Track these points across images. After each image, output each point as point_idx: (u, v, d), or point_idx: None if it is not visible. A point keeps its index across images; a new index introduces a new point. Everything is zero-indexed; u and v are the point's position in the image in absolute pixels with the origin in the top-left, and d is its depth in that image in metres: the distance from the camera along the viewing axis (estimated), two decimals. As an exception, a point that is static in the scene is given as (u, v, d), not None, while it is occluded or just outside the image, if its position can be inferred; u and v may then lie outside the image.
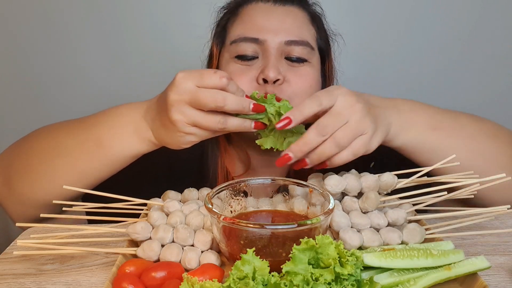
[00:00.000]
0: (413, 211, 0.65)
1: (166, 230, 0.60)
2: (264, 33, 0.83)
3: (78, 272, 0.59)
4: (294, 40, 0.83)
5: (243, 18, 0.88)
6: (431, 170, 0.65)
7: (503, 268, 0.58)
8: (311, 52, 0.86)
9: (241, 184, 0.65)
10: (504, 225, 0.70)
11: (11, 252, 0.64)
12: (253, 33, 0.84)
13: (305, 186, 0.64)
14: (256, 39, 0.83)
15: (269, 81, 0.80)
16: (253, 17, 0.87)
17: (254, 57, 0.84)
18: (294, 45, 0.83)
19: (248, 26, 0.86)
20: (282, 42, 0.83)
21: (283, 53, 0.84)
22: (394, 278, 0.52)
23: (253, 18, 0.87)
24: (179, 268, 0.56)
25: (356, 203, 0.62)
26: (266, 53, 0.83)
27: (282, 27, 0.84)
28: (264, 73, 0.80)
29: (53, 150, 0.75)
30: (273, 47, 0.83)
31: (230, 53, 0.86)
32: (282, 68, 0.82)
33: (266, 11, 0.87)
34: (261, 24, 0.85)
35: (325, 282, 0.45)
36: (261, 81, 0.81)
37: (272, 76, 0.79)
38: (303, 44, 0.84)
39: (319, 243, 0.47)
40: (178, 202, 0.66)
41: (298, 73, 0.84)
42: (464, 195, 0.64)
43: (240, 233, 0.54)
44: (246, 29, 0.86)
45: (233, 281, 0.46)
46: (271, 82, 0.80)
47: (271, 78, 0.79)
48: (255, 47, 0.84)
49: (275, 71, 0.80)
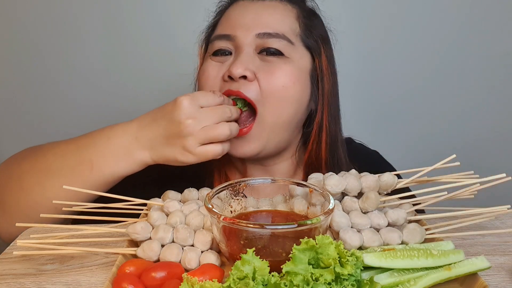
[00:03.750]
0: (413, 211, 0.65)
1: (166, 230, 0.60)
2: (235, 29, 0.82)
3: (78, 272, 0.59)
4: (267, 33, 0.80)
5: (222, 19, 0.88)
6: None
7: (503, 268, 0.58)
8: (290, 46, 0.81)
9: (241, 184, 0.65)
10: (505, 225, 0.70)
11: (11, 252, 0.64)
12: (226, 30, 0.83)
13: (305, 186, 0.64)
14: (228, 36, 0.82)
15: (234, 77, 0.78)
16: (230, 15, 0.86)
17: (228, 52, 0.82)
18: (267, 38, 0.80)
19: (224, 24, 0.86)
20: (253, 35, 0.80)
21: (257, 48, 0.81)
22: (394, 278, 0.52)
23: (229, 16, 0.86)
24: (179, 268, 0.56)
25: (356, 203, 0.62)
26: (237, 49, 0.81)
27: (255, 22, 0.82)
28: (228, 70, 0.79)
29: (45, 172, 0.75)
30: (244, 42, 0.80)
31: (208, 52, 0.86)
32: (253, 65, 0.79)
33: (243, 8, 0.86)
34: (235, 21, 0.84)
35: (325, 282, 0.45)
36: (227, 78, 0.79)
37: (236, 73, 0.77)
38: (278, 37, 0.81)
39: (319, 243, 0.47)
40: (178, 202, 0.66)
41: (271, 70, 0.79)
42: (464, 195, 0.64)
43: (240, 233, 0.54)
44: (222, 28, 0.85)
45: (233, 281, 0.46)
46: (236, 78, 0.78)
47: (234, 75, 0.77)
48: (228, 44, 0.82)
49: (240, 67, 0.77)
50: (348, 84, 0.92)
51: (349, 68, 0.92)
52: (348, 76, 0.95)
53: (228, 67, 0.80)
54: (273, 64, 0.80)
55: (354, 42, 0.92)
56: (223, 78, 0.81)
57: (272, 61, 0.80)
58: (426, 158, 1.06)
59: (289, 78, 0.80)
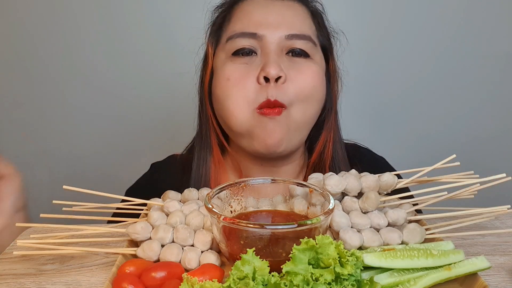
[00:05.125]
0: (413, 211, 0.65)
1: (166, 230, 0.60)
2: (262, 27, 0.79)
3: (78, 272, 0.59)
4: (295, 34, 0.79)
5: (239, 15, 0.83)
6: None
7: (503, 268, 0.58)
8: (313, 48, 0.82)
9: (241, 184, 0.65)
10: (504, 225, 0.70)
11: (11, 252, 0.64)
12: (250, 28, 0.79)
13: (305, 186, 0.64)
14: (254, 34, 0.78)
15: (270, 78, 0.76)
16: (250, 12, 0.82)
17: (252, 52, 0.79)
18: (296, 39, 0.79)
19: (245, 21, 0.81)
20: (282, 36, 0.78)
21: (284, 49, 0.79)
22: (394, 278, 0.52)
23: (250, 13, 0.82)
24: (179, 268, 0.56)
25: (356, 203, 0.62)
26: (265, 49, 0.78)
27: (282, 21, 0.80)
28: (264, 71, 0.76)
29: None
30: (272, 42, 0.78)
31: (226, 52, 0.81)
32: (283, 65, 0.78)
33: (264, 6, 0.82)
34: (259, 19, 0.80)
35: (325, 282, 0.45)
36: (262, 80, 0.77)
37: (274, 73, 0.75)
38: (305, 39, 0.80)
39: (319, 243, 0.47)
40: (178, 202, 0.66)
41: (301, 69, 0.79)
42: (464, 195, 0.64)
43: (240, 233, 0.54)
44: (243, 25, 0.81)
45: (233, 281, 0.46)
46: (272, 80, 0.76)
47: (272, 75, 0.75)
48: (253, 43, 0.79)
49: (276, 67, 0.75)
50: (348, 84, 0.92)
51: (349, 68, 0.92)
52: (348, 76, 0.95)
53: (257, 68, 0.78)
54: (301, 64, 0.80)
55: (353, 42, 0.92)
56: (257, 81, 0.77)
57: (299, 62, 0.80)
58: (426, 158, 1.06)
59: (317, 78, 0.81)
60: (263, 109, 0.77)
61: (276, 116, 0.77)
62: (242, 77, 0.78)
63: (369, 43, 1.50)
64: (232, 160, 0.90)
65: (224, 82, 0.80)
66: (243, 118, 0.79)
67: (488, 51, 1.53)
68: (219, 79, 0.82)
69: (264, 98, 0.77)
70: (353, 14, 1.48)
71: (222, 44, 0.83)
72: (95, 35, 1.52)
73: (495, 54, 1.53)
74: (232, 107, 0.79)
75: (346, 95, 0.93)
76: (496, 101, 1.57)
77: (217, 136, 0.87)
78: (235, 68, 0.80)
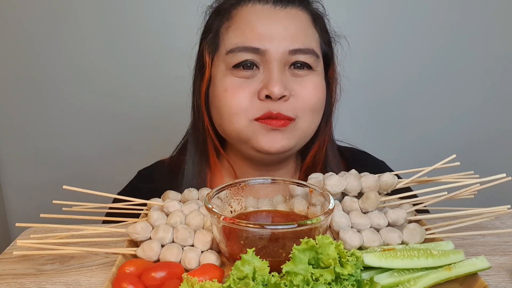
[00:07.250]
0: (413, 211, 0.65)
1: (166, 230, 0.60)
2: (265, 42, 0.75)
3: (78, 272, 0.59)
4: (299, 49, 0.76)
5: (239, 24, 0.79)
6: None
7: (503, 268, 0.58)
8: (316, 60, 0.80)
9: (241, 184, 0.65)
10: (505, 225, 0.70)
11: (11, 252, 0.64)
12: (253, 42, 0.76)
13: (305, 186, 0.64)
14: (257, 49, 0.75)
15: (273, 98, 0.73)
16: (252, 22, 0.78)
17: (254, 65, 0.76)
18: (299, 54, 0.77)
19: (247, 33, 0.77)
20: (286, 51, 0.75)
21: (287, 64, 0.77)
22: (394, 278, 0.52)
23: (252, 24, 0.78)
24: (179, 268, 0.56)
25: (356, 203, 0.62)
26: (268, 64, 0.76)
27: (286, 35, 0.76)
28: (268, 89, 0.73)
29: None
30: (275, 58, 0.75)
31: (226, 64, 0.78)
32: (287, 81, 0.76)
33: (267, 16, 0.78)
34: (262, 32, 0.76)
35: (325, 282, 0.45)
36: (263, 97, 0.74)
37: (278, 93, 0.73)
38: (308, 53, 0.77)
39: (319, 243, 0.47)
40: (178, 202, 0.66)
41: (304, 84, 0.77)
42: (464, 195, 0.64)
43: (240, 233, 0.54)
44: (245, 37, 0.77)
45: (233, 281, 0.46)
46: (275, 99, 0.74)
47: (276, 95, 0.73)
48: (255, 57, 0.76)
49: (281, 87, 0.73)
50: (347, 84, 0.92)
51: (348, 68, 0.92)
52: (347, 76, 0.95)
53: (259, 84, 0.76)
54: (304, 78, 0.78)
55: (352, 43, 0.92)
56: (258, 97, 0.75)
57: (301, 75, 0.78)
58: (426, 158, 1.06)
59: (320, 90, 0.80)
60: (264, 120, 0.76)
61: (280, 127, 0.76)
62: (242, 91, 0.77)
63: (367, 44, 1.50)
64: (227, 163, 0.88)
65: (223, 94, 0.78)
66: (242, 127, 0.78)
67: (488, 51, 1.53)
68: (219, 90, 0.79)
69: (266, 111, 0.76)
70: (351, 16, 1.48)
71: (221, 55, 0.80)
72: (95, 36, 1.52)
73: (495, 54, 1.53)
74: (231, 117, 0.78)
75: (346, 95, 0.92)
76: (496, 101, 1.57)
77: (213, 141, 0.86)
78: (235, 81, 0.77)
